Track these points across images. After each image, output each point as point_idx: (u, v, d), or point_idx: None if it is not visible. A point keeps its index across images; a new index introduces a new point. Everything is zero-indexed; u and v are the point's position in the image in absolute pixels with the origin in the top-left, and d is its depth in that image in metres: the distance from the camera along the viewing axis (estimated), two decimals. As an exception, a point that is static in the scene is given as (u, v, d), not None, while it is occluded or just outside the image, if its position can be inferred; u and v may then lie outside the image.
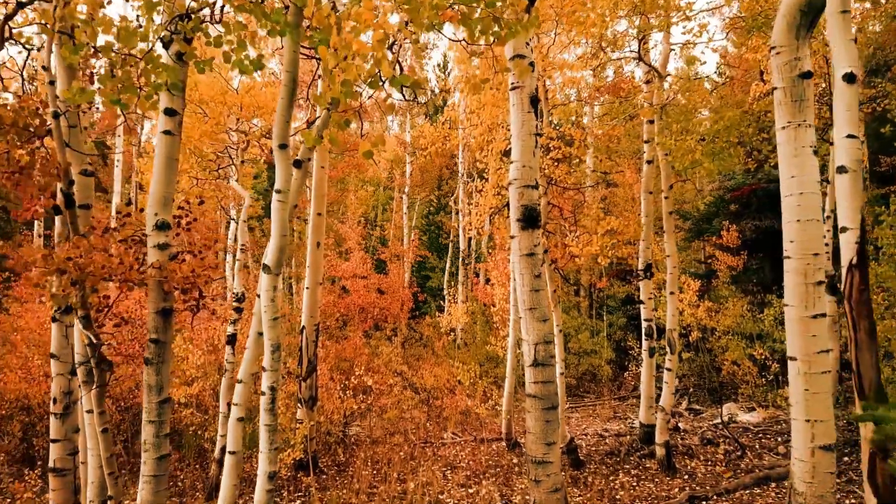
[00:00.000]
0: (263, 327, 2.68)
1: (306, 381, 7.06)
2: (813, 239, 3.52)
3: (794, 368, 3.49)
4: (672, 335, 6.85)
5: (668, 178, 6.79)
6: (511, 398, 7.86)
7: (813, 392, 3.43)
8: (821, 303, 3.48)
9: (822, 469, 3.37)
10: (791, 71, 3.58)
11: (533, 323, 4.08)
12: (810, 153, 3.58)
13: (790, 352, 3.54)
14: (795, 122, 3.57)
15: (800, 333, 3.49)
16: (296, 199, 2.83)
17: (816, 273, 3.49)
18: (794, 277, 3.52)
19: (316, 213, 7.17)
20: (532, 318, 4.09)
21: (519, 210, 4.14)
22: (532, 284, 4.09)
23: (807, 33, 3.57)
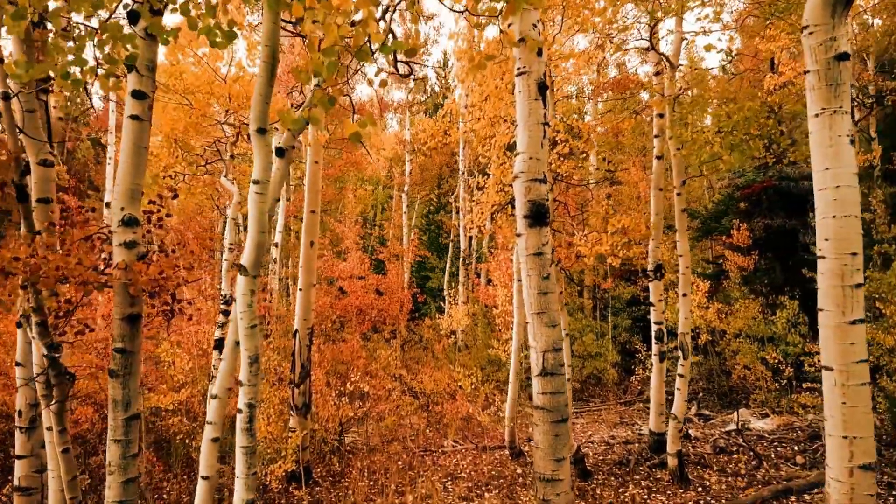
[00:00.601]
0: (240, 335, 2.39)
1: (299, 388, 6.77)
2: (850, 237, 3.23)
3: (829, 379, 3.20)
4: (684, 339, 6.55)
5: (681, 173, 6.50)
6: (514, 405, 7.57)
7: (851, 406, 3.15)
8: (859, 307, 3.19)
9: (861, 490, 3.08)
10: (826, 52, 3.29)
11: (541, 328, 3.79)
12: (847, 143, 3.30)
13: (825, 361, 3.25)
14: (830, 108, 3.28)
15: (836, 341, 3.20)
16: (277, 192, 2.54)
17: (854, 274, 3.21)
18: (830, 279, 3.24)
19: (309, 211, 6.89)
20: (540, 323, 3.79)
21: (526, 206, 3.84)
22: (540, 287, 3.80)
23: (844, 10, 3.27)
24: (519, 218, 3.91)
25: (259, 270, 2.44)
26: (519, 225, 3.91)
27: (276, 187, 2.55)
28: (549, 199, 3.97)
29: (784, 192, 11.10)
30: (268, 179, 2.37)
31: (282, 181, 2.61)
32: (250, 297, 2.36)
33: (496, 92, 5.96)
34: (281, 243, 15.19)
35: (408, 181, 21.35)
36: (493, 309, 14.11)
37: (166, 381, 6.85)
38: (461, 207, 18.63)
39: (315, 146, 6.88)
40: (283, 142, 2.60)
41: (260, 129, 2.32)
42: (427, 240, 22.75)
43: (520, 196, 3.89)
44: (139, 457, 6.33)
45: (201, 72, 5.72)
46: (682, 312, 6.59)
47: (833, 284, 3.22)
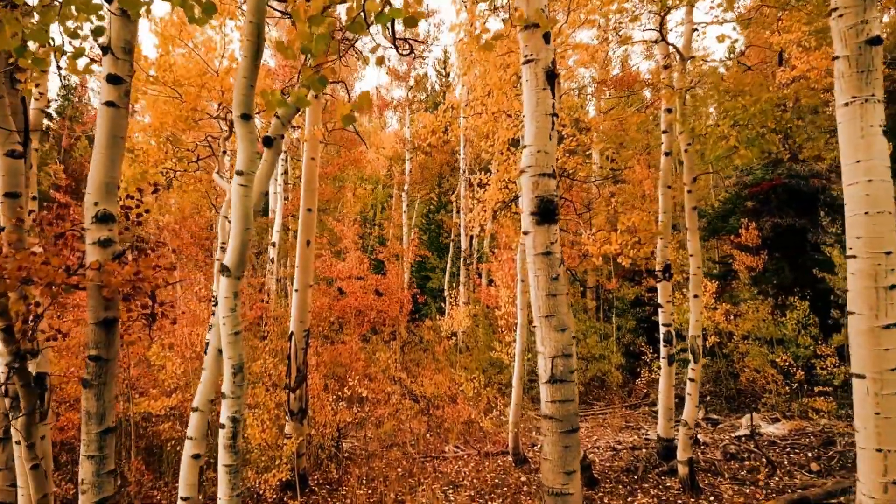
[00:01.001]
0: (222, 342, 2.19)
1: (295, 392, 6.57)
2: (884, 234, 3.04)
3: (861, 388, 3.01)
4: (695, 342, 6.35)
5: (692, 170, 6.29)
6: (518, 410, 7.36)
7: (885, 416, 2.95)
8: (893, 310, 3.00)
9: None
10: (857, 36, 3.10)
11: (549, 333, 3.58)
12: (879, 133, 3.10)
13: (856, 368, 3.06)
14: (861, 97, 3.09)
15: (868, 347, 3.01)
16: (265, 186, 2.34)
17: (889, 275, 3.01)
18: (862, 280, 3.04)
19: (306, 209, 6.68)
20: (548, 327, 3.59)
21: (533, 202, 3.64)
22: (548, 288, 3.59)
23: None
24: (525, 215, 3.71)
25: (243, 271, 2.24)
26: (525, 222, 3.71)
27: (263, 180, 2.35)
28: (558, 196, 3.76)
29: (794, 190, 10.89)
30: (253, 171, 2.16)
31: (269, 174, 2.40)
32: (233, 300, 2.16)
33: (499, 84, 5.75)
34: (279, 243, 15.00)
35: (408, 180, 21.16)
36: (495, 310, 13.91)
37: (157, 386, 6.65)
38: (462, 206, 18.44)
39: (311, 142, 6.67)
40: (272, 130, 2.39)
41: (244, 115, 2.12)
42: (427, 239, 22.54)
43: (527, 192, 3.69)
44: (120, 471, 6.13)
45: (193, 64, 5.51)
46: (693, 314, 6.38)
47: (865, 286, 3.03)
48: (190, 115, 5.16)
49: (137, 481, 5.90)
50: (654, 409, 11.56)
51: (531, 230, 3.66)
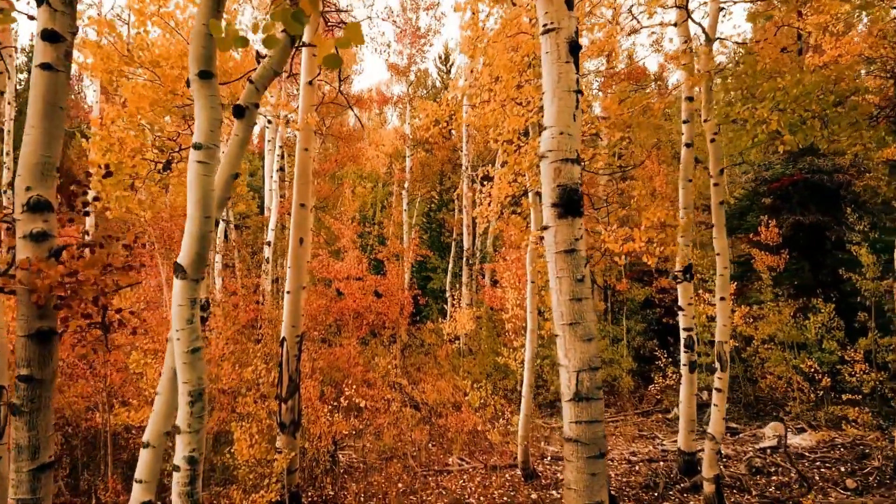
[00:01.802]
0: (176, 362, 1.75)
1: (287, 403, 6.12)
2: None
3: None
4: (723, 348, 5.90)
5: (719, 161, 5.85)
6: (528, 421, 6.91)
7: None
8: None
9: None
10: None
11: (574, 343, 3.14)
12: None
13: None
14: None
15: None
16: (236, 166, 1.90)
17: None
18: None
19: (298, 205, 6.24)
20: (573, 336, 3.14)
21: (555, 192, 3.20)
22: (572, 291, 3.15)
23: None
24: (546, 207, 3.27)
25: (203, 271, 1.80)
26: (546, 215, 3.27)
27: (233, 159, 1.91)
28: (581, 185, 3.32)
29: (816, 185, 10.43)
30: (214, 143, 1.73)
31: (240, 151, 1.97)
32: (190, 308, 1.72)
33: (509, 66, 5.31)
34: (274, 241, 14.56)
35: (408, 177, 20.72)
36: (501, 312, 13.45)
37: (135, 396, 6.21)
38: (464, 204, 17.99)
39: (305, 131, 6.23)
40: (244, 97, 1.96)
41: (203, 73, 1.68)
42: (428, 239, 22.11)
43: (547, 180, 3.24)
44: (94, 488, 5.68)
45: (173, 45, 5.07)
46: (720, 319, 5.94)
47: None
48: (168, 100, 4.73)
49: (114, 503, 5.47)
50: (667, 416, 11.11)
51: (552, 224, 3.22)
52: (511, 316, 9.24)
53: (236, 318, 10.41)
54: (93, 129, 5.21)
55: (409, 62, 21.90)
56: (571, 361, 3.16)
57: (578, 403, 3.13)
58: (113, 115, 5.02)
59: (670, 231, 5.20)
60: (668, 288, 14.62)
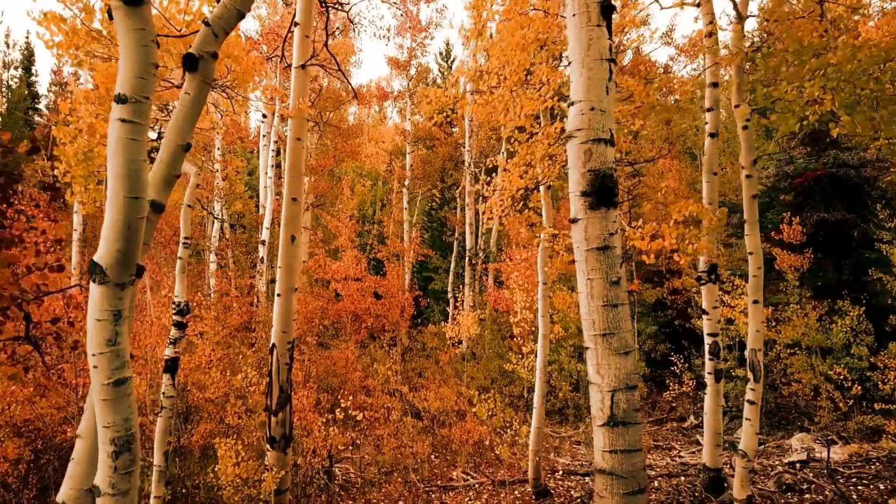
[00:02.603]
0: (94, 398, 1.28)
1: (277, 416, 5.65)
2: None
3: None
4: (756, 357, 5.43)
5: (751, 150, 5.39)
6: (540, 435, 6.44)
7: None
8: None
9: None
10: None
11: (608, 357, 2.68)
12: None
13: None
14: None
15: None
16: (187, 135, 1.45)
17: None
18: None
19: (290, 199, 5.78)
20: (607, 348, 2.68)
21: (585, 178, 2.73)
22: (606, 296, 2.69)
23: None
24: (574, 197, 2.80)
25: (131, 272, 1.34)
26: (574, 206, 2.80)
27: (183, 125, 1.46)
28: (615, 170, 2.85)
29: (841, 180, 9.95)
30: (145, 96, 1.27)
31: (194, 115, 1.52)
32: (112, 325, 1.26)
33: (522, 43, 4.85)
34: (269, 241, 14.11)
35: (409, 174, 20.24)
36: (507, 315, 12.99)
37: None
38: (467, 203, 17.52)
39: (298, 119, 5.77)
40: (196, 44, 1.50)
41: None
42: (429, 238, 21.65)
43: (576, 164, 2.78)
44: None
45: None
46: (753, 324, 5.47)
47: None
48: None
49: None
50: (682, 425, 10.65)
51: (582, 216, 2.75)
52: (520, 320, 8.78)
53: (227, 321, 9.96)
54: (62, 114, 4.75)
55: (409, 56, 21.44)
56: (605, 379, 2.70)
57: (614, 429, 2.67)
58: (81, 98, 4.56)
59: (707, 229, 4.74)
60: (681, 289, 14.16)
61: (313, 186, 15.98)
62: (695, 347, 12.38)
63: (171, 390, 4.68)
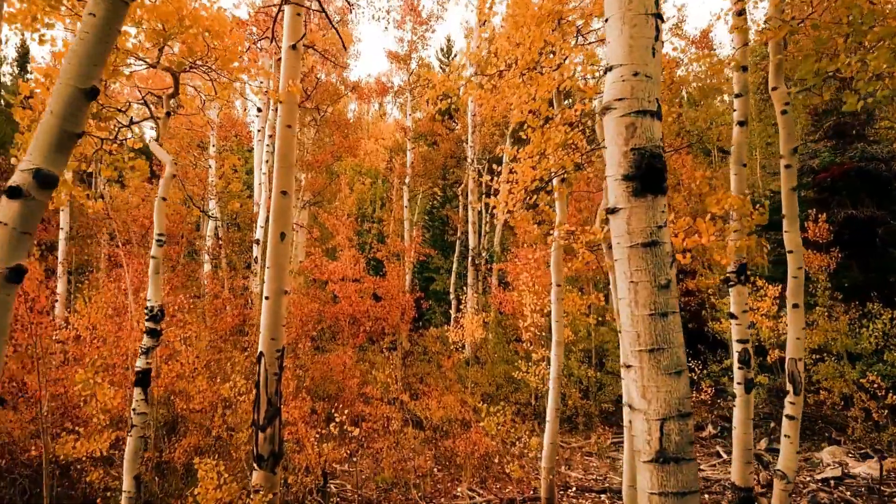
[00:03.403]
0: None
1: (265, 431, 5.19)
2: None
3: None
4: (796, 367, 4.96)
5: (792, 137, 4.92)
6: (554, 451, 5.97)
7: None
8: None
9: None
10: None
11: (657, 377, 2.20)
12: None
13: None
14: None
15: None
16: (91, 76, 0.98)
17: None
18: None
19: (279, 192, 5.32)
20: (654, 367, 2.21)
21: (628, 159, 2.26)
22: (654, 303, 2.21)
23: None
24: (613, 182, 2.33)
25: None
26: (613, 194, 2.33)
27: (84, 59, 1.00)
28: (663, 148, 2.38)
29: (870, 175, 9.47)
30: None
31: (100, 47, 1.07)
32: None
33: (538, 16, 4.38)
34: (263, 239, 13.65)
35: (409, 172, 19.77)
36: (511, 317, 12.52)
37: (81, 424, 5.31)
38: (470, 201, 17.05)
39: (288, 104, 5.30)
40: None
41: None
42: (431, 237, 21.19)
43: (616, 143, 2.30)
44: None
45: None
46: (793, 331, 5.00)
47: None
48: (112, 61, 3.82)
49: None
50: (700, 435, 10.17)
51: (623, 206, 2.27)
52: (530, 324, 8.31)
53: (216, 325, 9.50)
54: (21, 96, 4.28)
55: (409, 49, 20.96)
56: (652, 405, 2.22)
57: (663, 466, 2.19)
58: (42, 77, 4.11)
59: (748, 223, 4.28)
60: (695, 290, 13.69)
61: (310, 183, 15.53)
62: (711, 353, 11.91)
63: (143, 406, 4.22)
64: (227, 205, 19.23)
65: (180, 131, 15.77)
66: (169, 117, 4.65)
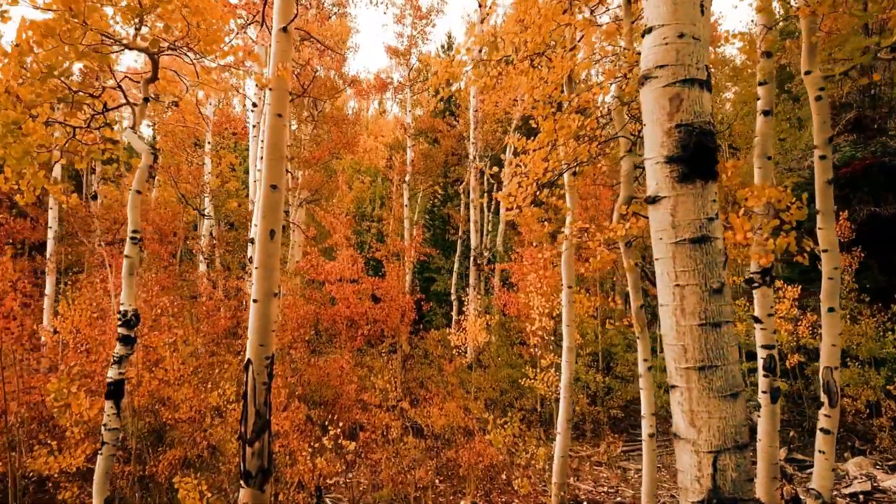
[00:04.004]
0: None
1: (254, 446, 4.82)
2: None
3: None
4: (832, 377, 4.60)
5: (826, 125, 4.57)
6: (565, 465, 5.60)
7: None
8: None
9: None
10: None
11: (708, 401, 1.85)
12: None
13: None
14: None
15: None
16: None
17: None
18: None
19: (269, 186, 4.96)
20: (705, 388, 1.85)
21: (673, 138, 1.89)
22: (705, 310, 1.86)
23: None
24: (653, 166, 1.97)
25: None
26: (654, 179, 1.97)
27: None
28: (714, 125, 2.01)
29: (893, 171, 9.11)
30: None
31: None
32: None
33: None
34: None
35: (409, 170, 19.40)
36: (516, 319, 12.15)
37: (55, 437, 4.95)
38: (472, 199, 16.69)
39: (278, 90, 4.95)
40: None
41: None
42: (431, 236, 20.83)
43: (657, 118, 1.95)
44: None
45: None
46: (828, 337, 4.63)
47: None
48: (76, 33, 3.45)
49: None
50: (714, 442, 9.79)
51: (667, 193, 1.92)
52: (538, 328, 7.94)
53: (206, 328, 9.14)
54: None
55: (409, 44, 20.60)
56: (703, 434, 1.86)
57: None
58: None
59: (790, 216, 3.91)
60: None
61: (307, 181, 15.18)
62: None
63: (115, 421, 3.86)
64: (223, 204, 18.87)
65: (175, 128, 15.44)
66: (147, 104, 4.29)
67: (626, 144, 4.56)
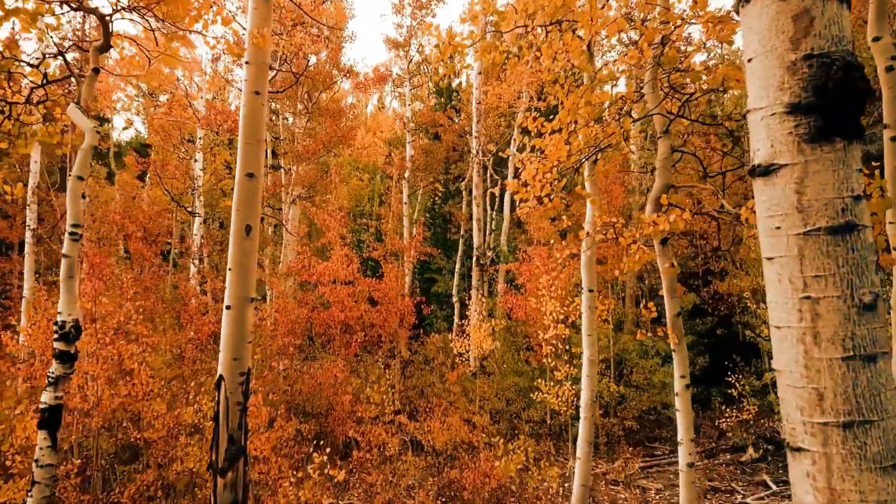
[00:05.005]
0: None
1: (225, 476, 4.22)
2: None
3: None
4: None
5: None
6: (585, 494, 4.98)
7: None
8: None
9: None
10: None
11: (858, 473, 1.22)
12: None
13: None
14: None
15: None
16: None
17: None
18: None
19: (244, 175, 4.36)
20: (853, 454, 1.23)
21: (799, 76, 1.27)
22: (850, 335, 1.24)
23: None
24: (764, 120, 1.35)
25: None
26: (766, 140, 1.35)
27: None
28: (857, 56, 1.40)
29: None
30: None
31: None
32: None
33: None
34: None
35: (409, 166, 18.79)
36: (523, 323, 11.54)
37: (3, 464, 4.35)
38: (474, 196, 16.07)
39: (255, 62, 4.35)
40: None
41: None
42: (432, 235, 20.20)
43: (772, 47, 1.33)
44: None
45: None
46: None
47: None
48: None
49: None
50: (739, 458, 9.19)
51: (789, 160, 1.30)
52: (552, 336, 7.32)
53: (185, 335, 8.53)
54: None
55: (408, 35, 19.96)
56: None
57: None
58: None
59: None
60: (725, 294, 12.71)
61: (301, 176, 14.57)
62: (745, 362, 10.94)
63: (50, 456, 3.25)
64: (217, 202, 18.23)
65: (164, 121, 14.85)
66: (97, 75, 3.67)
67: (662, 124, 3.94)
